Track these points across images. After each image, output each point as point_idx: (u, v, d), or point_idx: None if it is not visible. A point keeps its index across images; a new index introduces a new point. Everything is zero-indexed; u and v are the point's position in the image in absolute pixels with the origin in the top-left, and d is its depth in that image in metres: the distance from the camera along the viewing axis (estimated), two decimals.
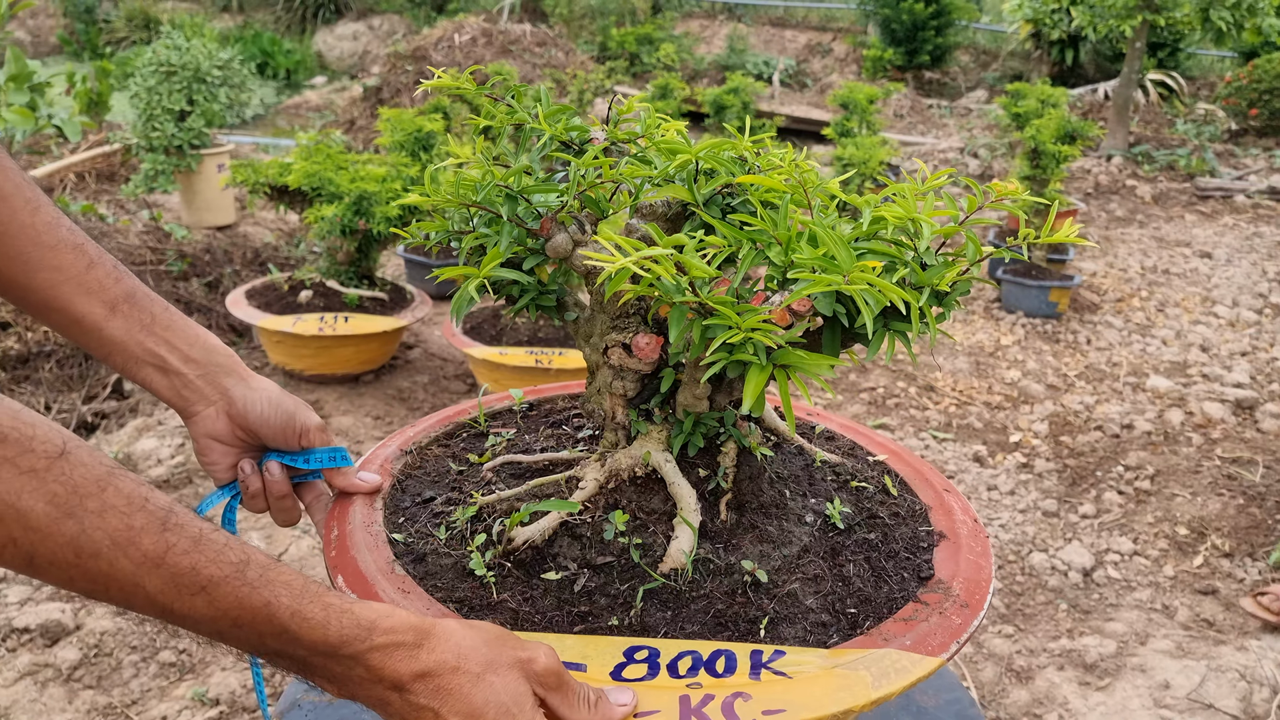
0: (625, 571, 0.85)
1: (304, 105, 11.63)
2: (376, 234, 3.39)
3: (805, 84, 12.21)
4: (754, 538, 0.90)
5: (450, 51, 9.67)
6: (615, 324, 0.89)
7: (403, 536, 0.91)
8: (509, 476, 1.00)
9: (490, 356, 3.18)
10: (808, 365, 0.74)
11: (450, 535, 0.91)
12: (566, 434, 1.10)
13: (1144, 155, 8.26)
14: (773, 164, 0.85)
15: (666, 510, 0.90)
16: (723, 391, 0.90)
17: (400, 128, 3.63)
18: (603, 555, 0.86)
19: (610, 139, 0.95)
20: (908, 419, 3.73)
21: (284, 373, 3.51)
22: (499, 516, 0.91)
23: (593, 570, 0.85)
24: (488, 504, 0.93)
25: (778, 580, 0.86)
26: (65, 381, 3.44)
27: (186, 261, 4.18)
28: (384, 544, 0.89)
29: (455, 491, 0.99)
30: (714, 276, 0.74)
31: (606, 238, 0.73)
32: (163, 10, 14.23)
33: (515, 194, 0.86)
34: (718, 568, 0.86)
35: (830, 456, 1.10)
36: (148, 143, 5.14)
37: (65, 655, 2.12)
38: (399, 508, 0.97)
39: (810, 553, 0.91)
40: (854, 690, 0.74)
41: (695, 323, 0.75)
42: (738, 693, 0.73)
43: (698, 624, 0.81)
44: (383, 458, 1.06)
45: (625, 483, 0.91)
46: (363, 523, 0.92)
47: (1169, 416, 3.72)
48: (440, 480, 1.02)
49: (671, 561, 0.84)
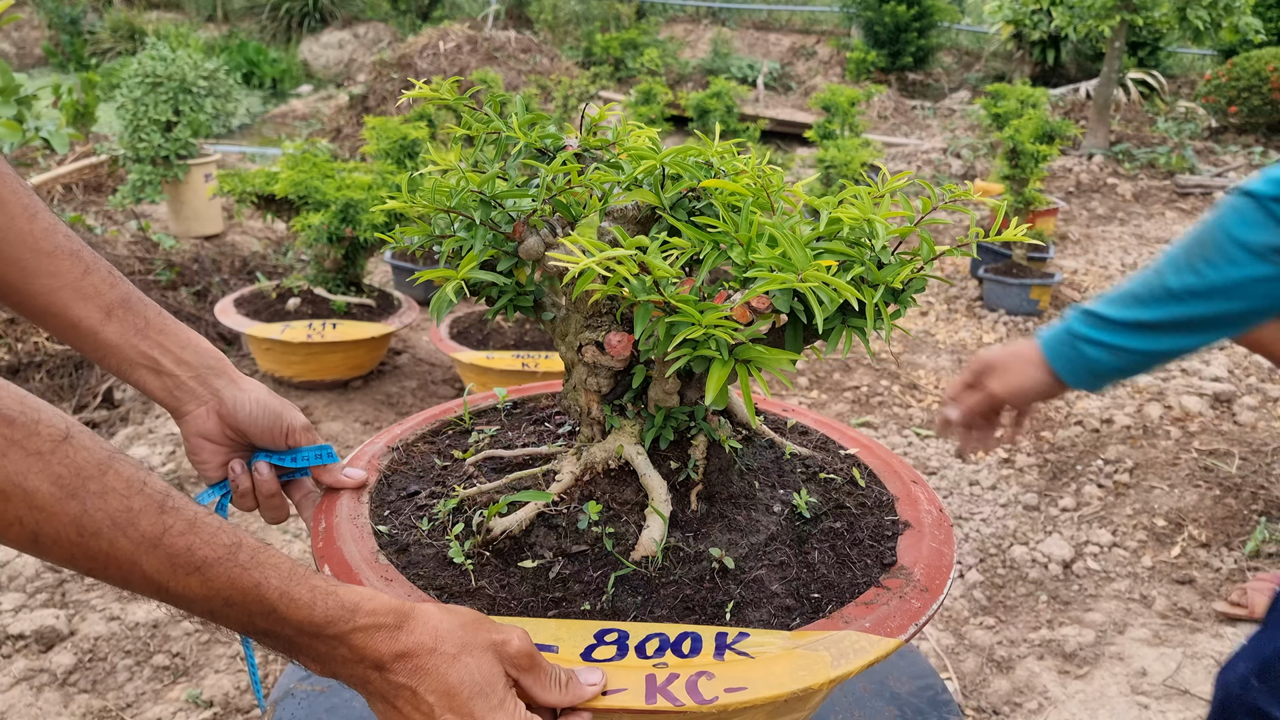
0: (599, 559, 0.89)
1: (290, 114, 11.64)
2: (363, 241, 3.42)
3: (790, 87, 12.28)
4: (723, 527, 0.94)
5: (435, 59, 9.71)
6: (589, 323, 0.93)
7: (387, 528, 0.95)
8: (490, 470, 1.04)
9: (477, 360, 3.22)
10: (767, 360, 0.77)
11: (433, 526, 0.94)
12: (548, 430, 1.14)
13: (1125, 153, 8.35)
14: (737, 168, 0.89)
15: (639, 501, 0.93)
16: (693, 387, 0.94)
17: (386, 136, 3.67)
18: (577, 544, 0.90)
19: (584, 146, 0.98)
20: (891, 416, 3.78)
21: (273, 379, 3.54)
22: (479, 508, 0.95)
23: (568, 558, 0.89)
24: (469, 496, 0.96)
25: (745, 567, 0.90)
26: (56, 391, 3.47)
27: (175, 271, 4.21)
28: (369, 535, 0.93)
29: (439, 485, 1.03)
30: (677, 276, 0.78)
31: (575, 241, 0.77)
32: (147, 21, 14.23)
33: (489, 199, 0.89)
34: (687, 555, 0.90)
35: (801, 449, 1.14)
36: (135, 153, 5.17)
37: (60, 660, 2.15)
38: (385, 501, 1.01)
39: (777, 541, 0.94)
40: (814, 669, 0.77)
41: (660, 320, 0.79)
42: (702, 672, 0.76)
43: (666, 608, 0.84)
44: (370, 454, 1.09)
45: (599, 475, 0.95)
46: (349, 515, 0.96)
47: (1148, 411, 3.78)
48: (425, 475, 1.06)
49: (643, 550, 0.88)
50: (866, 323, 0.81)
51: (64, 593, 2.41)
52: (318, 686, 1.48)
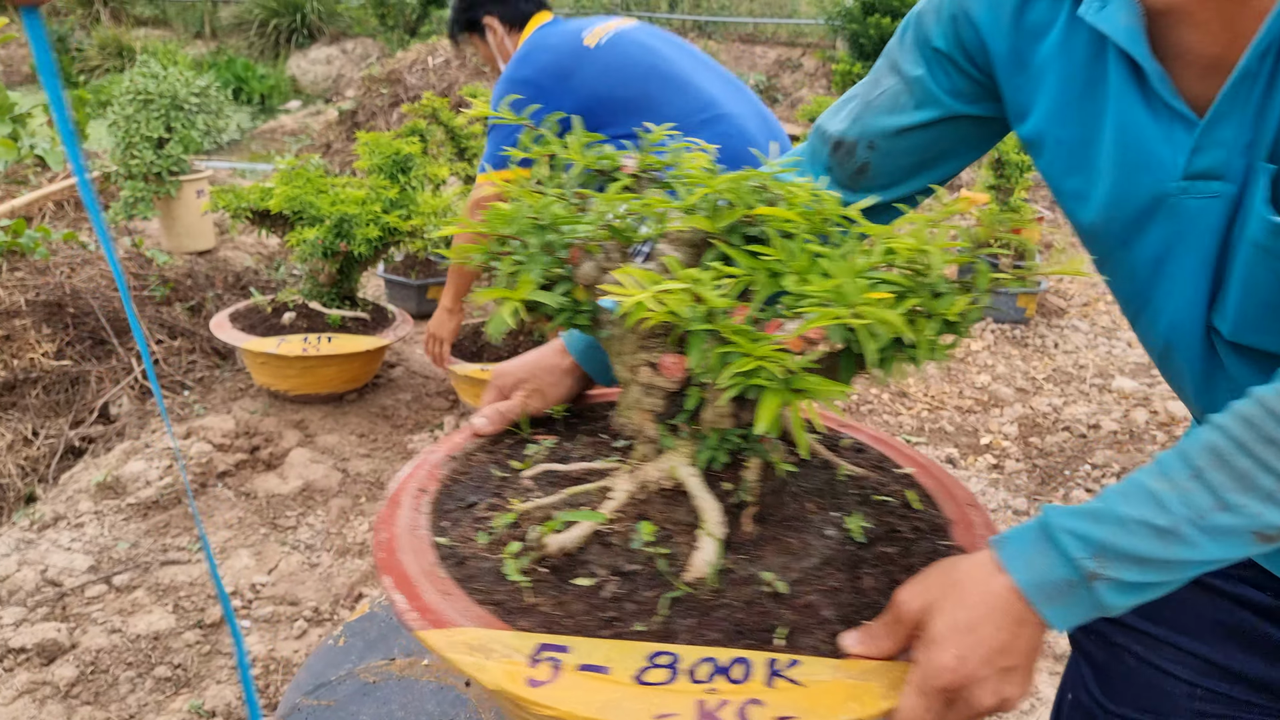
0: (651, 580, 0.89)
1: (279, 130, 11.67)
2: (357, 255, 3.45)
3: (776, 99, 12.37)
4: (775, 550, 0.93)
5: (424, 74, 9.75)
6: (643, 344, 0.92)
7: (446, 540, 0.95)
8: (547, 484, 1.04)
9: (472, 373, 3.25)
10: (820, 391, 0.77)
11: (490, 540, 0.95)
12: (603, 443, 1.14)
13: None
14: (791, 193, 0.89)
15: (691, 522, 0.93)
16: (747, 409, 0.93)
17: (378, 151, 3.70)
18: (631, 563, 0.90)
19: (642, 166, 0.98)
20: (881, 424, 3.82)
21: (269, 393, 3.56)
22: (534, 523, 0.95)
23: (621, 577, 0.89)
24: (525, 511, 0.97)
25: (797, 592, 0.89)
26: (52, 407, 3.48)
27: (169, 286, 4.23)
28: (429, 547, 0.93)
29: (496, 497, 1.03)
30: (729, 308, 0.79)
31: (628, 272, 0.78)
32: (135, 38, 14.25)
33: (545, 225, 0.90)
34: (739, 578, 0.89)
35: (855, 470, 1.12)
36: (127, 170, 5.19)
37: (62, 673, 2.17)
38: (444, 512, 1.00)
39: (830, 565, 0.93)
40: (863, 700, 0.76)
41: (713, 349, 0.79)
42: (752, 699, 0.75)
43: (718, 631, 0.83)
44: (432, 462, 1.10)
45: (654, 495, 0.95)
46: (409, 526, 0.96)
47: (1134, 416, 3.83)
48: (483, 486, 1.06)
49: (695, 572, 0.88)
50: (920, 353, 0.80)
51: (65, 606, 2.42)
52: (323, 701, 1.48)
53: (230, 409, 3.47)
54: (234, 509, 2.92)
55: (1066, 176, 0.93)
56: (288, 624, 2.42)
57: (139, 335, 1.31)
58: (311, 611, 2.47)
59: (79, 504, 2.88)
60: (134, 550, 2.67)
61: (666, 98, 2.71)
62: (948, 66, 0.98)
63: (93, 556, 2.62)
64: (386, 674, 1.24)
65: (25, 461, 3.25)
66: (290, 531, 2.84)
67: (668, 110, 2.72)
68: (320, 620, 2.44)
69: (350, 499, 3.02)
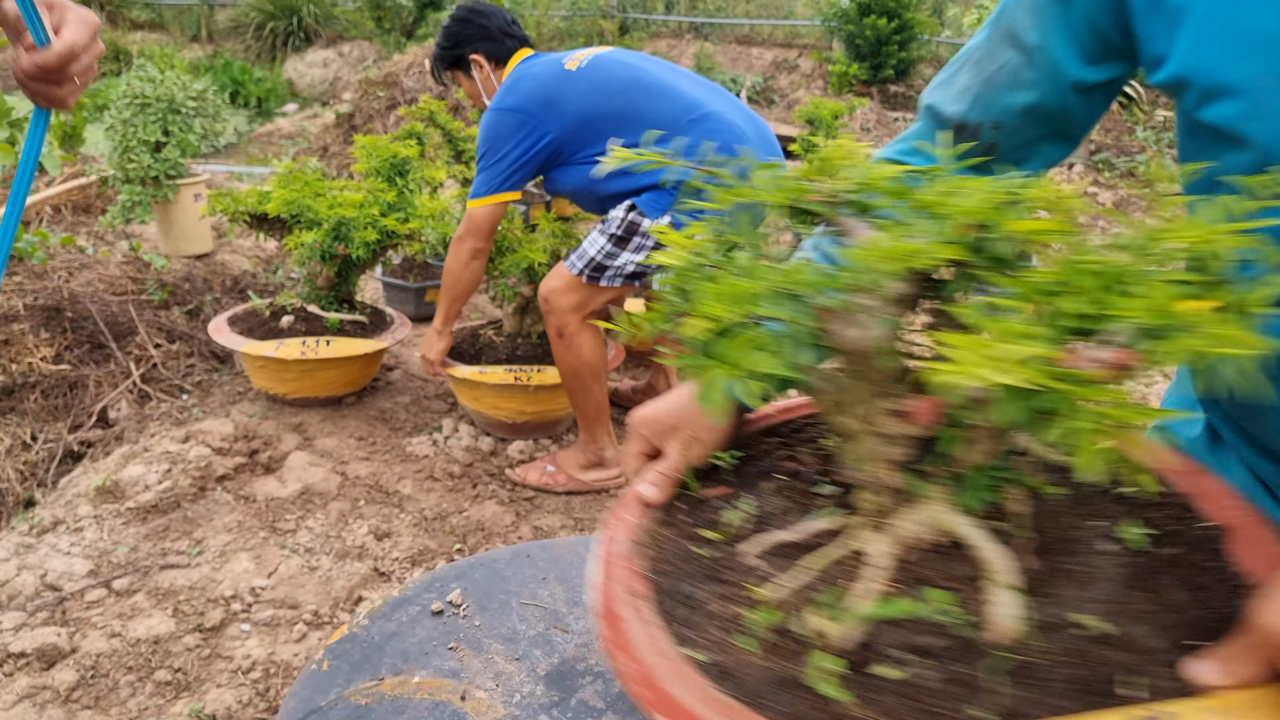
0: (958, 652, 0.75)
1: (276, 133, 11.67)
2: (355, 258, 3.46)
3: (773, 100, 12.39)
4: (1064, 583, 0.81)
5: (421, 77, 9.76)
6: (880, 391, 0.79)
7: (699, 654, 0.78)
8: (777, 557, 0.89)
9: (470, 375, 3.26)
10: (1134, 418, 0.64)
11: (759, 643, 0.79)
12: (795, 488, 0.97)
13: (1104, 162, 8.47)
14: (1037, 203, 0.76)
15: (972, 575, 0.80)
16: (1005, 437, 0.81)
17: (376, 154, 3.71)
18: (925, 636, 0.76)
19: (834, 192, 0.81)
20: None
21: (267, 397, 3.57)
22: (793, 612, 0.81)
23: (921, 655, 0.75)
24: (779, 601, 0.82)
25: (1108, 626, 0.76)
26: (50, 411, 3.48)
27: (167, 290, 4.23)
28: (689, 668, 0.76)
29: (718, 583, 0.86)
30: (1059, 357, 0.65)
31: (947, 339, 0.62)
32: (132, 42, 14.25)
33: (795, 295, 0.74)
34: (1045, 625, 0.76)
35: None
36: (124, 174, 5.19)
37: (63, 677, 2.17)
38: (672, 616, 0.83)
39: (1127, 586, 0.81)
40: None
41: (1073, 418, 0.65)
42: None
43: (1064, 698, 0.70)
44: (621, 556, 0.91)
45: (926, 553, 0.82)
46: (653, 648, 0.79)
47: None
48: (693, 572, 0.89)
49: (1003, 631, 0.75)
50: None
51: (64, 610, 2.42)
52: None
53: (229, 412, 3.48)
54: (233, 513, 2.92)
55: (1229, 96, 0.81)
56: (287, 627, 2.42)
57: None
58: (311, 615, 2.47)
59: (78, 508, 2.89)
60: (133, 554, 2.67)
61: (652, 105, 2.91)
62: (1077, 24, 0.91)
63: (92, 561, 2.62)
64: (378, 695, 1.22)
65: (24, 466, 3.25)
66: (289, 535, 2.84)
67: (655, 117, 2.89)
68: (320, 623, 2.45)
69: (349, 502, 3.02)
